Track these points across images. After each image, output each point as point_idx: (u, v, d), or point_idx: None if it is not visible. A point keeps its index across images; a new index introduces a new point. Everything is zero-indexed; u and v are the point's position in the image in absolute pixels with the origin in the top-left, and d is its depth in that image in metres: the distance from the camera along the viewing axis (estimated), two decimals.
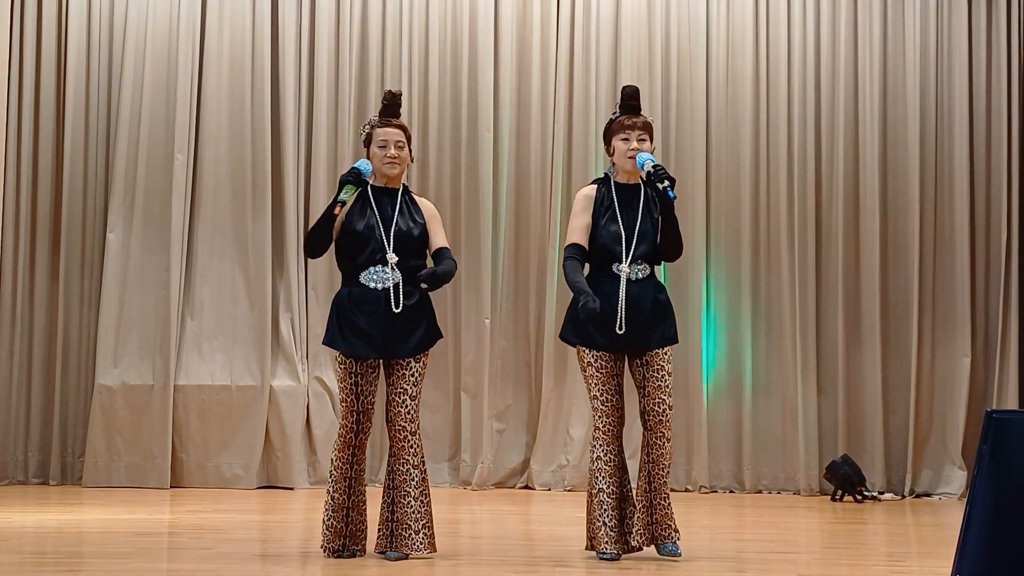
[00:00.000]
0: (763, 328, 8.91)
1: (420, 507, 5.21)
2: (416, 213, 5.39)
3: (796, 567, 5.31)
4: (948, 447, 8.78)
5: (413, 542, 5.19)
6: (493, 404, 8.83)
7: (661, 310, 5.38)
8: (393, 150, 5.34)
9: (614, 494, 5.31)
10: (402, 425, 5.20)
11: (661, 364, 5.34)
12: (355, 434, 5.26)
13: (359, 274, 5.26)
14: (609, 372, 5.35)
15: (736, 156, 8.98)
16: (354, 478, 5.29)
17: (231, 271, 8.81)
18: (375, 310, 5.21)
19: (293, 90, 8.88)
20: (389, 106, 5.42)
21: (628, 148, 5.40)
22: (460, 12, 9.00)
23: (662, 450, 5.29)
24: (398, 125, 5.39)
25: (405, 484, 5.21)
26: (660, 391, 5.31)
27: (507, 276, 8.94)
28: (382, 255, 5.25)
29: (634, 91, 5.54)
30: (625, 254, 5.36)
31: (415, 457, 5.22)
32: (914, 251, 8.86)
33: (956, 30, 9.02)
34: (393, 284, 5.24)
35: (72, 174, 8.80)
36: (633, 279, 5.36)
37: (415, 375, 5.25)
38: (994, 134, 8.97)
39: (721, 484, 8.84)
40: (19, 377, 8.70)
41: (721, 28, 9.03)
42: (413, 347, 5.24)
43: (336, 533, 5.26)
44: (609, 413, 5.32)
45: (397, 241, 5.27)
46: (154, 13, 8.85)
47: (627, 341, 5.33)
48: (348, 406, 5.26)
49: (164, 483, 8.49)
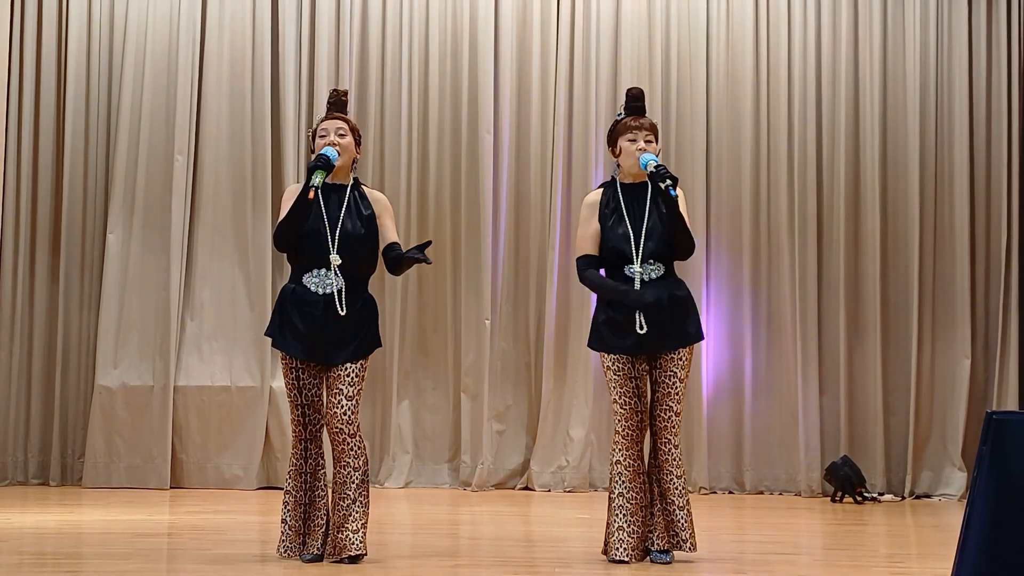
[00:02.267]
0: (763, 329, 8.91)
1: (359, 508, 5.13)
2: (364, 207, 5.30)
3: (796, 568, 5.31)
4: (948, 448, 8.77)
5: (350, 543, 5.10)
6: (493, 405, 8.82)
7: (680, 308, 5.33)
8: (333, 136, 5.26)
9: (633, 499, 5.28)
10: (339, 427, 5.13)
11: (674, 370, 5.31)
12: (303, 427, 5.24)
13: (303, 275, 5.22)
14: (627, 375, 5.31)
15: (736, 156, 8.98)
16: (309, 473, 5.25)
17: (231, 272, 8.81)
18: (313, 313, 5.16)
19: (293, 91, 8.87)
20: (335, 103, 5.37)
21: (635, 148, 5.39)
22: (460, 13, 9.00)
23: (668, 456, 5.29)
24: (340, 118, 5.33)
25: (344, 487, 5.14)
26: (669, 397, 5.30)
27: (507, 277, 8.94)
28: (325, 257, 5.19)
29: (639, 93, 5.52)
30: (635, 254, 5.32)
31: (356, 460, 5.15)
32: (914, 252, 8.86)
33: (956, 30, 9.02)
34: (337, 290, 5.18)
35: (72, 175, 8.80)
36: (647, 279, 5.31)
37: (351, 375, 5.17)
38: (994, 134, 8.97)
39: (721, 485, 8.83)
40: (19, 378, 8.70)
41: (721, 28, 9.03)
42: (348, 355, 5.17)
43: (296, 532, 5.22)
44: (628, 417, 5.29)
45: (342, 242, 5.20)
46: (154, 14, 8.85)
47: (645, 342, 5.29)
48: (292, 400, 5.24)
49: (164, 484, 8.50)
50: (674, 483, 5.28)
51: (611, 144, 5.53)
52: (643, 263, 5.32)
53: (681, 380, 5.32)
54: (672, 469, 5.29)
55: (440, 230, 8.90)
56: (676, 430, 5.30)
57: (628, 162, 5.43)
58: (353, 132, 5.34)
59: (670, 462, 5.29)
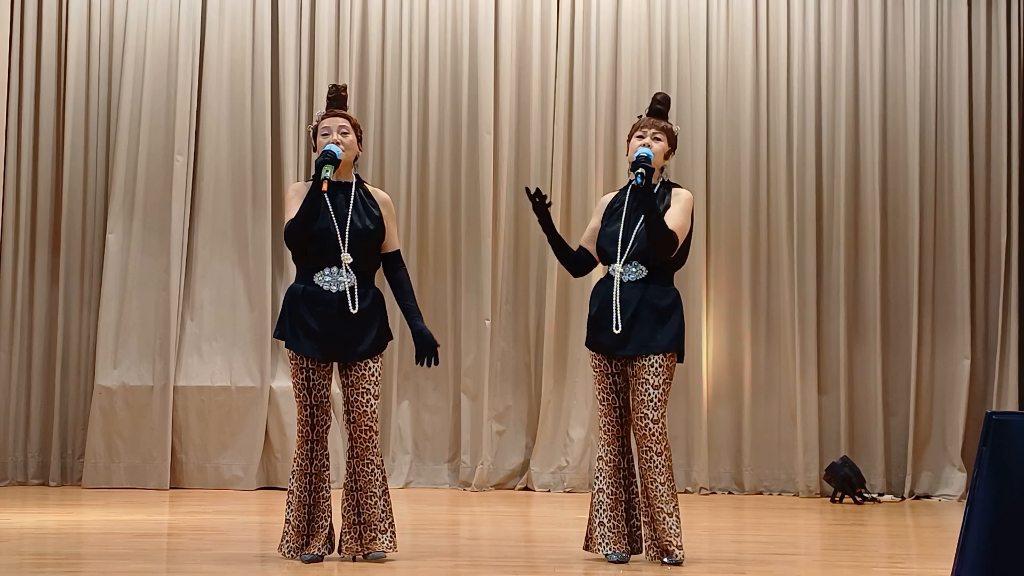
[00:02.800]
0: (763, 329, 8.90)
1: (385, 507, 5.22)
2: (372, 206, 5.30)
3: (796, 569, 5.31)
4: (948, 449, 8.77)
5: (380, 542, 5.19)
6: (493, 405, 8.82)
7: (649, 316, 5.24)
8: (336, 135, 5.25)
9: (613, 495, 5.30)
10: (368, 425, 5.18)
11: (645, 376, 5.20)
12: (311, 427, 5.23)
13: (313, 274, 5.21)
14: (603, 372, 5.33)
15: (736, 157, 8.98)
16: (314, 474, 5.25)
17: (231, 272, 8.81)
18: (327, 312, 5.17)
19: (293, 92, 8.87)
20: (334, 99, 5.35)
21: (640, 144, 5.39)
22: (460, 13, 9.00)
23: (650, 463, 5.19)
24: (341, 114, 5.32)
25: (370, 485, 5.19)
26: (644, 405, 5.19)
27: (507, 278, 8.94)
28: (336, 255, 5.19)
29: (663, 97, 5.49)
30: (620, 254, 5.30)
31: (377, 457, 5.22)
32: (914, 252, 8.86)
33: (956, 31, 9.02)
34: (349, 287, 5.20)
35: (72, 176, 8.80)
36: (625, 280, 5.28)
37: (375, 374, 5.22)
38: (994, 135, 8.97)
39: (720, 485, 8.83)
40: (19, 378, 8.70)
41: (721, 28, 9.03)
42: (364, 351, 5.20)
43: (298, 532, 5.22)
44: (606, 413, 5.33)
45: (353, 240, 5.21)
46: (154, 15, 8.84)
47: (614, 343, 5.27)
48: (301, 401, 5.23)
49: (164, 484, 8.49)
50: (659, 489, 5.19)
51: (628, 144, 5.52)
52: (624, 263, 5.29)
53: (655, 387, 5.18)
54: (656, 476, 5.18)
55: (440, 230, 8.90)
56: (657, 438, 5.16)
57: None
58: (355, 129, 5.33)
59: (653, 470, 5.19)
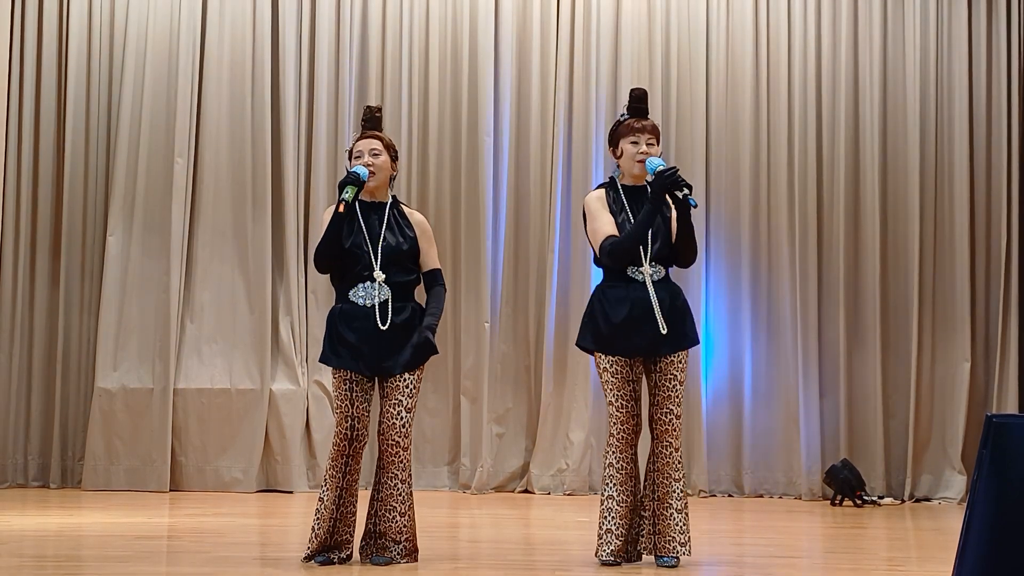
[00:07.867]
0: (763, 332, 8.90)
1: (406, 522, 5.22)
2: (407, 227, 5.32)
3: (796, 572, 5.31)
4: (948, 452, 8.77)
5: (391, 551, 5.20)
6: (493, 408, 8.82)
7: (679, 313, 5.32)
8: (367, 157, 5.27)
9: (624, 503, 5.27)
10: (396, 440, 5.17)
11: (674, 373, 5.28)
12: (349, 441, 5.18)
13: (348, 291, 5.23)
14: (624, 378, 5.28)
15: (736, 158, 8.98)
16: (345, 488, 5.23)
17: (231, 275, 8.81)
18: (364, 327, 5.17)
19: (293, 94, 8.87)
20: (368, 120, 5.38)
21: (637, 151, 5.35)
22: (460, 14, 9.01)
23: (668, 459, 5.25)
24: (374, 135, 5.33)
25: (391, 499, 5.19)
26: (670, 400, 5.27)
27: (507, 280, 8.94)
28: (369, 272, 5.20)
29: (642, 93, 5.48)
30: (644, 255, 5.30)
31: (403, 472, 5.20)
32: (914, 255, 8.85)
33: (956, 31, 9.02)
34: (381, 301, 5.19)
35: (72, 178, 8.80)
36: (655, 280, 5.29)
37: (410, 387, 5.20)
38: (994, 136, 8.97)
39: (720, 488, 8.83)
40: (19, 381, 8.70)
41: (721, 29, 9.04)
42: (404, 363, 5.18)
43: (320, 543, 5.22)
44: (624, 420, 5.26)
45: (385, 257, 5.21)
46: (154, 17, 8.85)
47: (651, 345, 5.28)
48: (343, 412, 5.21)
49: (163, 487, 8.49)
50: (673, 487, 5.25)
51: (612, 145, 5.48)
52: (649, 263, 5.31)
53: (681, 382, 5.30)
54: (672, 472, 5.25)
55: (440, 232, 8.90)
56: (677, 433, 5.27)
57: (629, 164, 5.40)
58: (388, 149, 5.34)
59: (671, 465, 5.25)
